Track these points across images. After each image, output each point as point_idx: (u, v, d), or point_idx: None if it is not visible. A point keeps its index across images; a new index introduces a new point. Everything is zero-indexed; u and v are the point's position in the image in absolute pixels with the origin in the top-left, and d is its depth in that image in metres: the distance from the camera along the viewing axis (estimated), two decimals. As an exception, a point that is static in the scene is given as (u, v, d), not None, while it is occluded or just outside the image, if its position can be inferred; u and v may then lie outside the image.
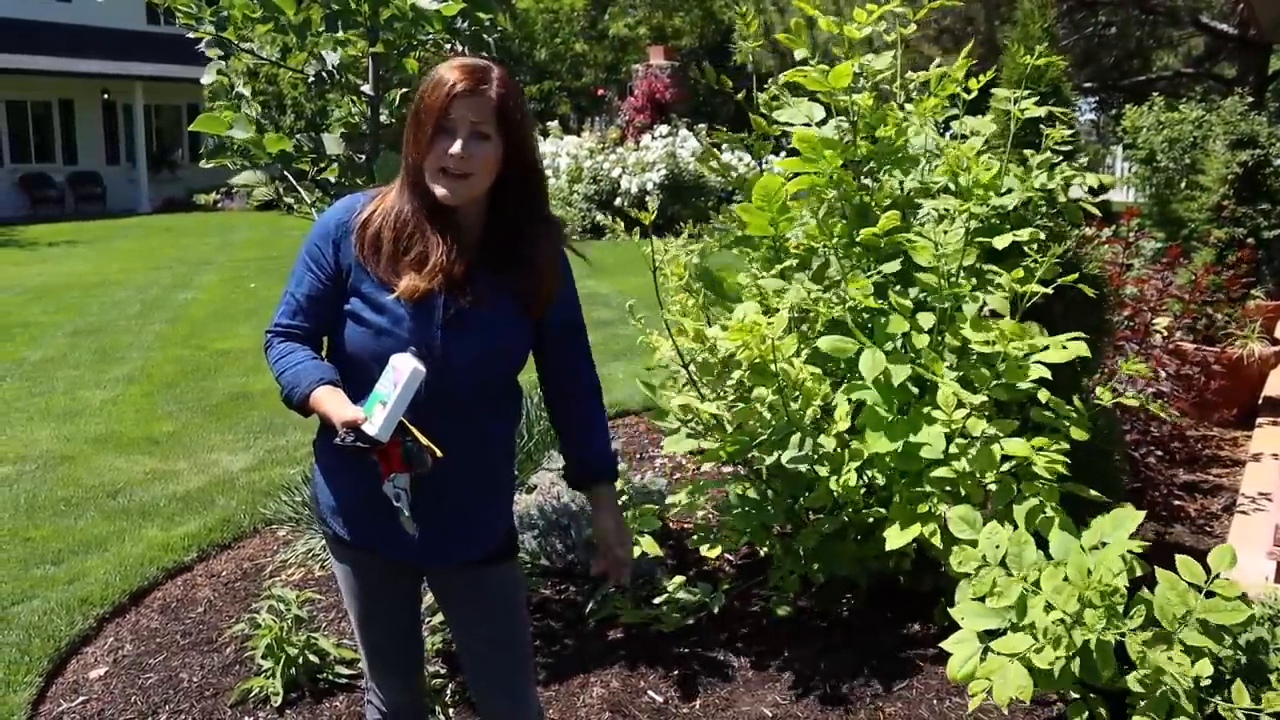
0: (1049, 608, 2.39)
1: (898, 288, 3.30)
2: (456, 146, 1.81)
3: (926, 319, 3.13)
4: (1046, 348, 3.02)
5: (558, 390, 2.15)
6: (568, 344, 2.11)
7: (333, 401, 1.82)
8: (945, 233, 3.26)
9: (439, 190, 1.84)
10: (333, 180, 3.00)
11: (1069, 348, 2.98)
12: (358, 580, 2.12)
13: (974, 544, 2.63)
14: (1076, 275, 3.09)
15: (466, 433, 1.94)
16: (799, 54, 3.42)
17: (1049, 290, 3.04)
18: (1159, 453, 4.80)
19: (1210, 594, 2.46)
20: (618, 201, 16.68)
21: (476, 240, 1.92)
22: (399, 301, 1.87)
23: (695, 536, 3.48)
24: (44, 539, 4.47)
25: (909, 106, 3.62)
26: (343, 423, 1.76)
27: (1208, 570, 2.50)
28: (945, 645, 2.51)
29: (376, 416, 1.76)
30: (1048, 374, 2.98)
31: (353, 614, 2.18)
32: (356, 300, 1.90)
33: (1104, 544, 2.53)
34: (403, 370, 1.77)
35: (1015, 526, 2.70)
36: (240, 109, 2.98)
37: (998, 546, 2.56)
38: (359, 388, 1.84)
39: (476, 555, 2.06)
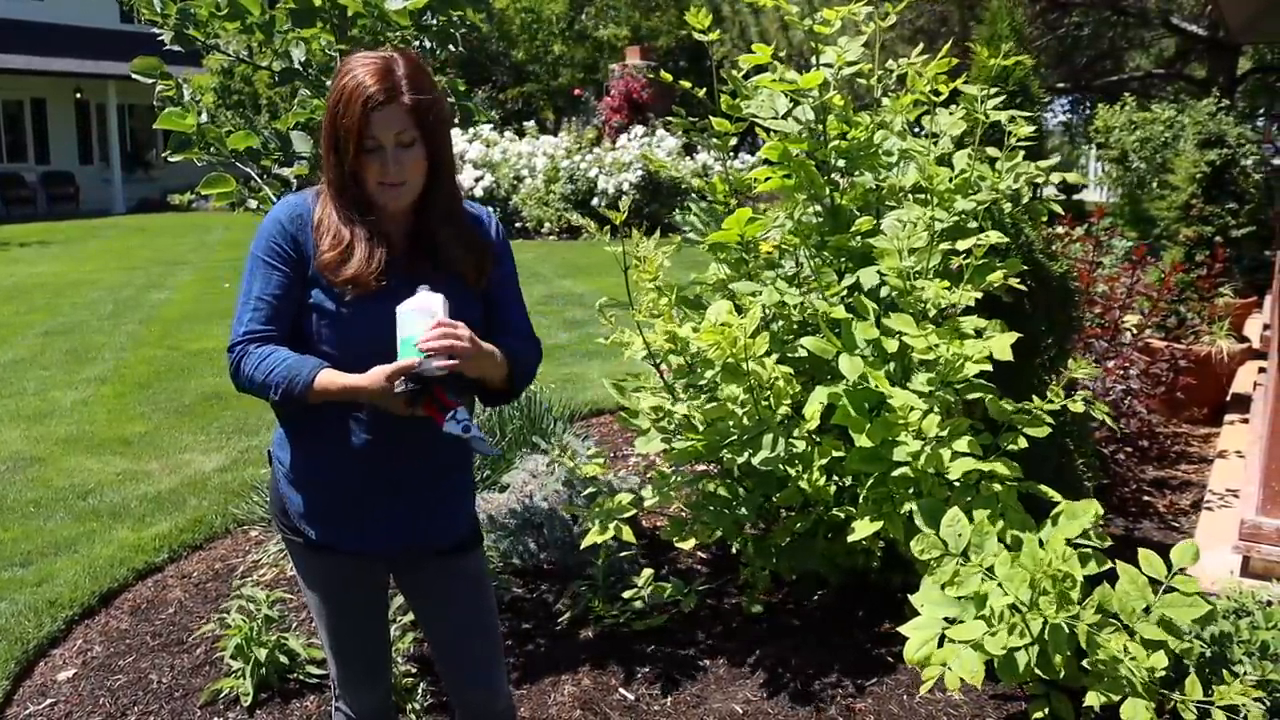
0: (1004, 594, 2.41)
1: (867, 289, 3.32)
2: (389, 165, 1.85)
3: (895, 321, 3.15)
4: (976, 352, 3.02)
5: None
6: (506, 301, 2.10)
7: (348, 375, 1.84)
8: (910, 237, 3.27)
9: (382, 201, 1.90)
10: (294, 178, 2.98)
11: (993, 346, 2.98)
12: (329, 585, 2.12)
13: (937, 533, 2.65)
14: (1027, 285, 3.10)
15: None
16: (762, 61, 3.43)
17: (976, 298, 3.03)
18: (1128, 449, 4.84)
19: (1170, 589, 2.49)
20: (595, 201, 16.70)
21: (409, 226, 1.97)
22: (355, 296, 1.90)
23: (668, 528, 3.49)
24: (13, 541, 4.43)
25: (885, 101, 3.63)
26: (398, 369, 1.77)
27: (1170, 565, 2.53)
28: (903, 629, 2.53)
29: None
30: (988, 366, 2.97)
31: (322, 621, 2.17)
32: (319, 292, 1.91)
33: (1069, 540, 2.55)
34: (432, 305, 1.81)
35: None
36: (193, 114, 2.96)
37: (959, 535, 2.58)
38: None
39: (461, 530, 2.12)
